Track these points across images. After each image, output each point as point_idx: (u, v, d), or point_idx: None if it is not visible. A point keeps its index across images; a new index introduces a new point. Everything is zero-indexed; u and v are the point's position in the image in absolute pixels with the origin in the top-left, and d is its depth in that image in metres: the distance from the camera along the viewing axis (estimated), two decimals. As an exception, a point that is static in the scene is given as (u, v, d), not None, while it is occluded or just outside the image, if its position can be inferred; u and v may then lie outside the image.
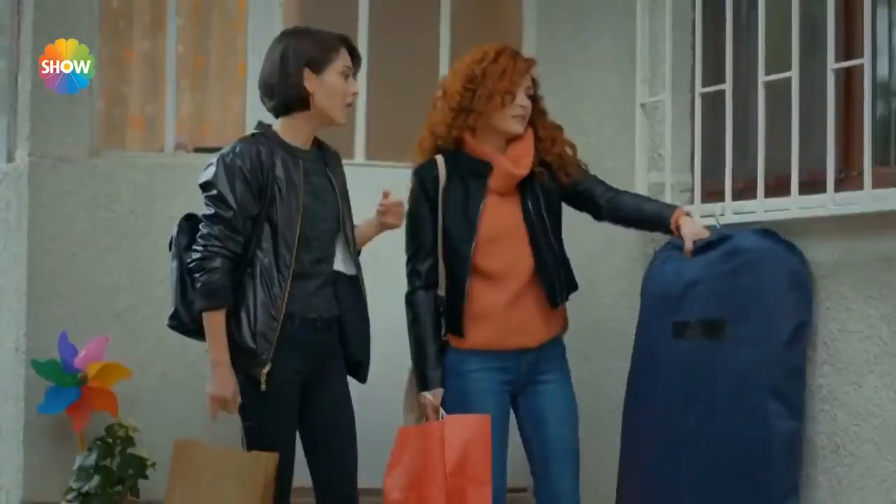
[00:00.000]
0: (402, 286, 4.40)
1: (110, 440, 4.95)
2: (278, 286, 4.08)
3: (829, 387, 4.02)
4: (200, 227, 4.10)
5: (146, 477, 4.96)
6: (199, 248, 4.06)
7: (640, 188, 4.79)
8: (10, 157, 5.50)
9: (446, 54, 5.53)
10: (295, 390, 4.13)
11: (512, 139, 4.33)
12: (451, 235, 4.30)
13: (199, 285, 4.05)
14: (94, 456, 4.92)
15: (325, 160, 4.28)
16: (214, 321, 4.06)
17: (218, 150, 5.42)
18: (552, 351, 4.37)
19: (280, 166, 4.12)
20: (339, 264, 4.24)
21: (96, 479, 4.88)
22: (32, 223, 5.14)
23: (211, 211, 4.08)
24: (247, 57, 5.37)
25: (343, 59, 4.21)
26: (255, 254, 4.09)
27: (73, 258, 5.16)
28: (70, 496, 4.90)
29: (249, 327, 4.07)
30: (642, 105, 4.82)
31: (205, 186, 4.14)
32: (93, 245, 5.18)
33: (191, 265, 4.07)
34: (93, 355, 4.99)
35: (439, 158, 4.34)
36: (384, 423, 4.86)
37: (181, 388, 5.15)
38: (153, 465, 4.95)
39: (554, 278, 4.32)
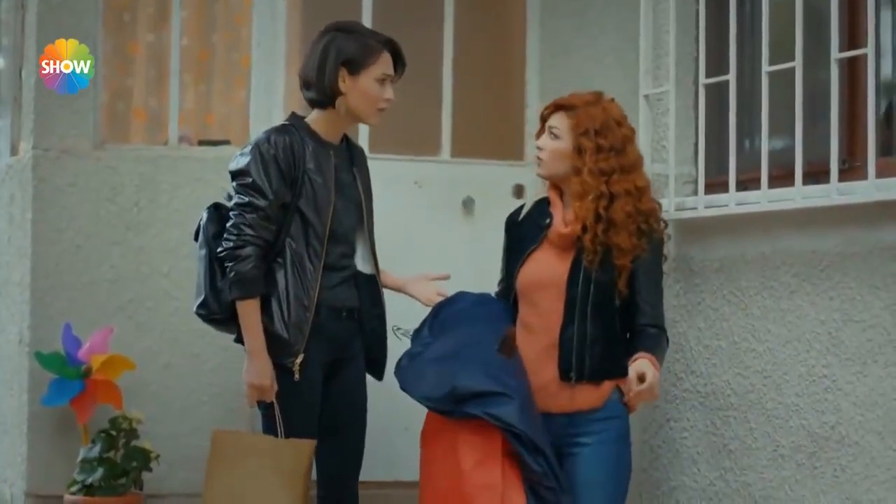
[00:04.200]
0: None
1: (114, 432, 4.95)
2: (311, 277, 4.07)
3: (833, 377, 4.02)
4: (231, 215, 4.08)
5: (150, 469, 4.96)
6: (232, 237, 4.04)
7: (644, 180, 4.78)
8: (14, 150, 5.52)
9: (450, 49, 5.53)
10: (320, 379, 4.14)
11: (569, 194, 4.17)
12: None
13: (231, 274, 4.03)
14: (97, 448, 4.92)
15: (351, 156, 4.28)
16: (249, 310, 4.04)
17: (222, 143, 5.50)
18: (592, 415, 4.08)
19: (311, 159, 4.12)
20: (359, 262, 4.24)
21: (100, 472, 4.88)
22: (37, 216, 5.14)
23: (245, 200, 4.06)
24: (251, 50, 5.37)
25: (383, 64, 4.17)
26: (286, 242, 4.08)
27: (77, 251, 5.16)
28: (74, 488, 4.90)
29: (282, 317, 4.06)
30: (646, 97, 4.81)
31: (238, 174, 4.11)
32: (97, 238, 5.18)
33: (222, 254, 4.06)
34: (97, 347, 4.99)
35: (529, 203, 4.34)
36: (388, 420, 4.86)
37: (185, 380, 5.16)
38: (157, 457, 4.95)
39: (571, 352, 4.07)
